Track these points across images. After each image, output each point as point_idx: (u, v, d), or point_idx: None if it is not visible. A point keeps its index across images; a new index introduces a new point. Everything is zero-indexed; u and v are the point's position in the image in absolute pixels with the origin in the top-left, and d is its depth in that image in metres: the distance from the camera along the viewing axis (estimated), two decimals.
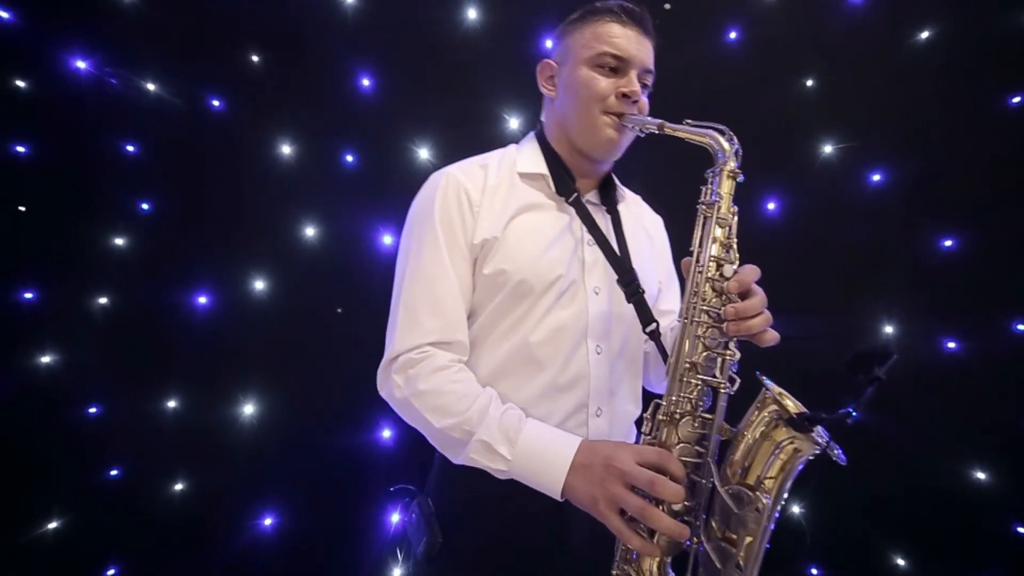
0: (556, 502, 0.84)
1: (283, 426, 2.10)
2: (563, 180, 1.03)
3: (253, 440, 2.09)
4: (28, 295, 2.08)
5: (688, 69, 2.07)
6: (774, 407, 0.74)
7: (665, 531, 0.72)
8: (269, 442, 2.09)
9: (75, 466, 2.05)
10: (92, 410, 2.10)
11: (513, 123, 2.16)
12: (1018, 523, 1.91)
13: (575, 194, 1.02)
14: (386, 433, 2.09)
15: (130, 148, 2.15)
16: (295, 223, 2.18)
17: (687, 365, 0.80)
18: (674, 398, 0.80)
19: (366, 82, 2.20)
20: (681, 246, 0.91)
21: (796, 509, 2.05)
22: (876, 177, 2.09)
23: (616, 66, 0.99)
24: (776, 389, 0.75)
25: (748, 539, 0.72)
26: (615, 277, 0.99)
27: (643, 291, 0.99)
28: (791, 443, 0.72)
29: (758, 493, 0.72)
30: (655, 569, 0.77)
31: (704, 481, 0.77)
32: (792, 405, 0.73)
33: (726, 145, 0.86)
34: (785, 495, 0.73)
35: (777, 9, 2.17)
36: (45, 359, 2.09)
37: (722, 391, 0.79)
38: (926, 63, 2.05)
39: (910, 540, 1.94)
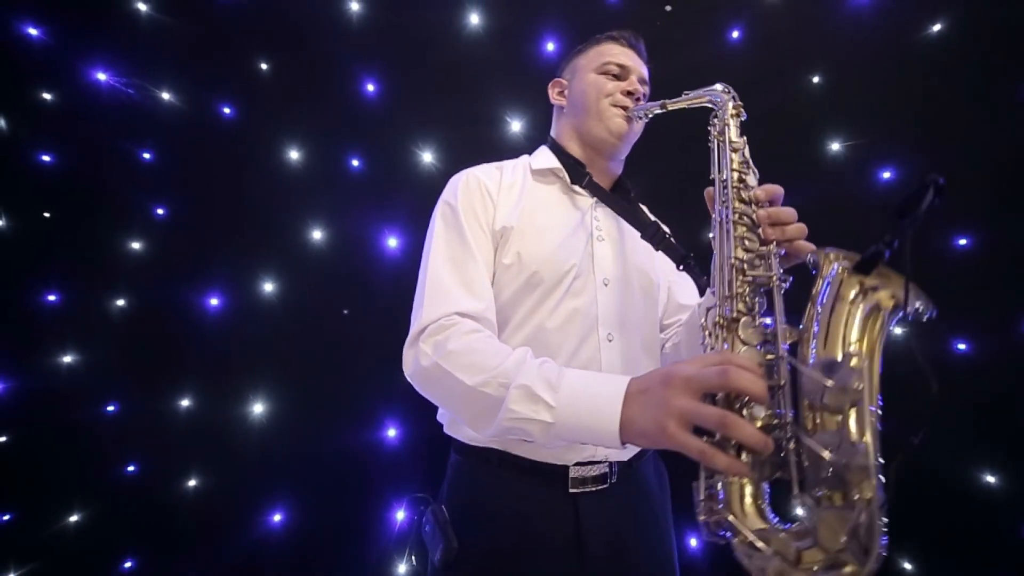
0: (571, 503, 0.84)
1: (291, 425, 2.15)
2: (576, 170, 1.12)
3: (262, 438, 2.14)
4: (51, 297, 2.18)
5: (692, 69, 2.06)
6: (834, 263, 0.64)
7: (748, 440, 0.58)
8: (278, 440, 2.14)
9: (94, 462, 2.13)
10: (110, 408, 2.18)
11: (515, 126, 2.18)
12: None
13: (587, 176, 1.11)
14: (391, 432, 2.12)
15: (146, 155, 2.23)
16: (303, 226, 2.23)
17: (733, 262, 0.74)
18: (727, 298, 0.71)
19: (371, 87, 2.24)
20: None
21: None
22: (887, 175, 2.05)
23: (619, 73, 1.14)
24: (832, 252, 0.66)
25: (852, 410, 0.57)
26: (622, 270, 1.06)
27: (669, 235, 1.08)
28: (866, 297, 0.61)
29: (848, 356, 0.60)
30: (749, 496, 0.61)
31: (780, 380, 0.63)
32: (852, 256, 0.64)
33: (722, 92, 0.95)
34: (879, 360, 0.60)
35: (780, 6, 2.15)
36: (67, 359, 2.18)
37: (776, 286, 0.71)
38: (936, 57, 2.00)
39: (918, 543, 1.90)
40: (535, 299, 0.99)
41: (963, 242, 2.00)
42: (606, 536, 0.89)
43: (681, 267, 1.01)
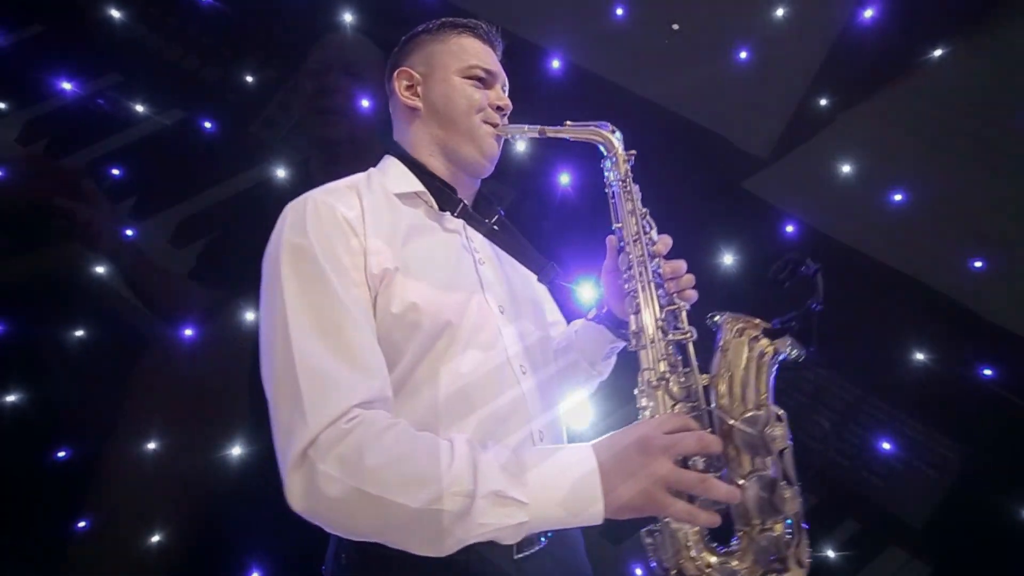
0: (515, 568, 0.76)
1: (272, 471, 1.93)
2: (444, 194, 0.97)
3: (239, 486, 1.92)
4: None
5: (697, 89, 2.03)
6: (740, 328, 0.78)
7: (724, 498, 0.68)
8: (256, 488, 1.92)
9: (38, 517, 1.87)
10: (61, 454, 1.92)
11: (520, 146, 2.08)
12: None
13: (461, 204, 0.96)
14: None
15: (115, 172, 2.04)
16: None
17: (659, 323, 0.83)
18: (652, 362, 0.81)
19: (365, 103, 2.13)
20: None
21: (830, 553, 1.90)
22: (898, 197, 2.02)
23: (485, 79, 1.01)
24: (730, 316, 0.80)
25: (783, 448, 0.72)
26: (508, 291, 0.98)
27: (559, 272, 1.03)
28: (767, 353, 0.76)
29: (765, 408, 0.73)
30: (692, 538, 0.73)
31: (712, 429, 0.75)
32: (757, 322, 0.78)
33: (610, 136, 0.94)
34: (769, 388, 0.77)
35: (786, 28, 2.14)
36: (10, 397, 1.92)
37: (689, 341, 0.82)
38: (944, 80, 2.01)
39: None
40: (440, 349, 0.82)
41: (979, 264, 1.98)
42: None
43: (546, 281, 1.01)
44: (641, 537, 0.74)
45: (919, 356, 1.93)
